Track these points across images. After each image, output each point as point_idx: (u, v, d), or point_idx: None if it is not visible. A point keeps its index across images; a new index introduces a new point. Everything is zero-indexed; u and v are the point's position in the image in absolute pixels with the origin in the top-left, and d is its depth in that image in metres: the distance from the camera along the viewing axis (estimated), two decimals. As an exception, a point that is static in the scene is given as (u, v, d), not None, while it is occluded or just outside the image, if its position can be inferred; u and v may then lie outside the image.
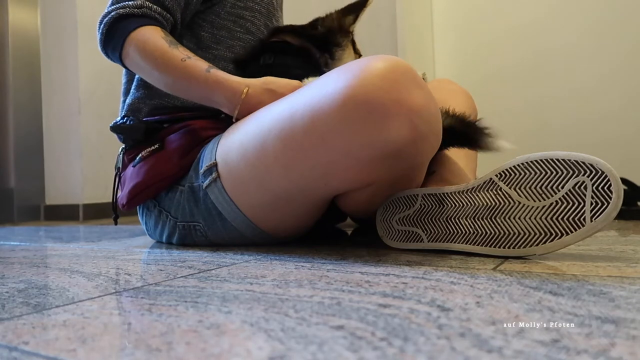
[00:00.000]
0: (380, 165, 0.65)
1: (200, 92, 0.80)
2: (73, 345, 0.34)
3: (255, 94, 0.77)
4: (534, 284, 0.46)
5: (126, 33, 0.82)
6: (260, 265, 0.63)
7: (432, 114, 0.63)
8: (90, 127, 2.03)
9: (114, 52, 0.85)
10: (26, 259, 0.79)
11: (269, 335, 0.34)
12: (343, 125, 0.62)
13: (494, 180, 0.63)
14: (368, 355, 0.29)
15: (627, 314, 0.35)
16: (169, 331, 0.36)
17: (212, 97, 0.79)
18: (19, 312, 0.44)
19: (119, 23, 0.83)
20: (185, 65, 0.79)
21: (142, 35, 0.81)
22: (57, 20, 2.09)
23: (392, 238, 0.72)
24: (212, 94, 0.79)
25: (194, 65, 0.79)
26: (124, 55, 0.84)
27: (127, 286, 0.53)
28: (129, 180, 0.87)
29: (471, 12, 2.04)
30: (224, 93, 0.78)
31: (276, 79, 0.80)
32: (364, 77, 0.61)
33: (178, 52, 0.80)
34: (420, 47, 1.99)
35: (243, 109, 0.77)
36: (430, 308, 0.39)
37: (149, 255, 0.79)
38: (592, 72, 1.80)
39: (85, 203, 2.02)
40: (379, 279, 0.51)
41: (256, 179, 0.72)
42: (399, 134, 0.61)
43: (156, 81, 0.83)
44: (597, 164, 0.56)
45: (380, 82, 0.60)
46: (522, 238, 0.59)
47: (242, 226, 0.78)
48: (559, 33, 1.86)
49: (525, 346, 0.30)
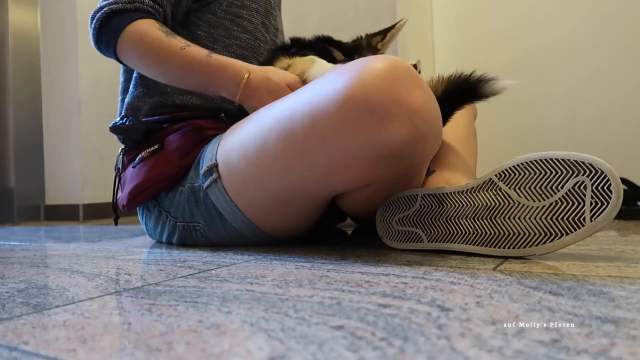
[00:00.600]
0: (380, 165, 0.65)
1: (203, 77, 0.80)
2: (73, 345, 0.34)
3: (255, 79, 0.78)
4: (534, 284, 0.46)
5: (120, 28, 0.82)
6: (260, 265, 0.63)
7: (432, 113, 0.63)
8: (90, 127, 2.03)
9: (107, 47, 0.85)
10: (26, 259, 0.79)
11: (269, 335, 0.34)
12: (343, 126, 0.62)
13: (493, 180, 0.63)
14: (368, 355, 0.29)
15: (627, 314, 0.35)
16: (169, 331, 0.36)
17: (215, 81, 0.80)
18: (19, 312, 0.44)
19: (112, 19, 0.83)
20: (185, 52, 0.79)
21: (139, 29, 0.81)
22: (57, 20, 2.09)
23: (392, 238, 0.72)
24: (214, 78, 0.79)
25: (195, 52, 0.80)
26: (119, 50, 0.84)
27: (127, 286, 0.53)
28: (129, 181, 0.87)
29: (470, 9, 2.04)
30: (227, 75, 0.79)
31: (275, 68, 0.80)
32: (363, 77, 0.61)
33: (176, 41, 0.81)
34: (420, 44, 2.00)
35: (243, 93, 0.78)
36: (430, 308, 0.39)
37: (149, 255, 0.79)
38: (592, 70, 1.80)
39: (85, 203, 2.02)
40: (379, 279, 0.51)
41: (256, 179, 0.72)
42: (398, 134, 0.61)
43: (156, 73, 0.84)
44: (596, 164, 0.56)
45: (380, 82, 0.60)
46: (522, 238, 0.59)
47: (242, 226, 0.78)
48: (557, 29, 1.86)
49: (525, 346, 0.30)
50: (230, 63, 0.79)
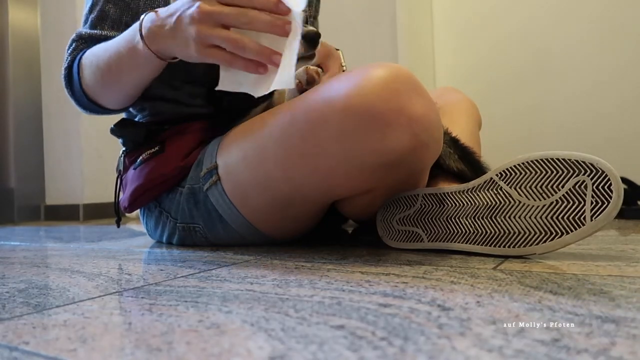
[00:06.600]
0: (381, 172, 0.65)
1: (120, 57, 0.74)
2: (73, 345, 0.34)
3: (158, 13, 0.70)
4: (534, 284, 0.46)
5: (77, 78, 0.80)
6: (260, 265, 0.63)
7: (432, 122, 0.63)
8: (90, 127, 2.03)
9: (93, 109, 0.84)
10: (26, 259, 0.79)
11: (269, 334, 0.34)
12: (343, 134, 0.62)
13: (494, 179, 0.63)
14: (368, 354, 0.29)
15: (628, 313, 0.35)
16: (169, 331, 0.36)
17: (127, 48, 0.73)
18: (19, 312, 0.44)
19: (69, 77, 0.82)
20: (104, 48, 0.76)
21: (81, 64, 0.80)
22: (57, 20, 2.09)
23: (392, 238, 0.72)
24: (123, 42, 0.73)
25: (110, 42, 0.76)
26: (90, 93, 0.81)
27: (127, 286, 0.53)
28: (130, 182, 0.87)
29: (471, 13, 2.04)
30: (128, 33, 0.73)
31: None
32: (364, 86, 0.61)
33: None
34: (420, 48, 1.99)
35: (148, 36, 0.70)
36: (430, 307, 0.39)
37: (149, 255, 0.79)
38: (592, 73, 1.80)
39: (85, 203, 2.02)
40: (380, 278, 0.51)
41: (256, 183, 0.72)
42: (399, 143, 0.61)
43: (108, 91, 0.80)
44: (597, 164, 0.56)
45: (381, 91, 0.60)
46: (522, 237, 0.59)
47: (242, 228, 0.78)
48: (558, 35, 1.86)
49: (525, 345, 0.30)
50: None
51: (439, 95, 0.99)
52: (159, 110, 0.89)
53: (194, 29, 0.65)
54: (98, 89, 0.80)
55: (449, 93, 1.01)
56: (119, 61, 0.75)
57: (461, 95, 1.01)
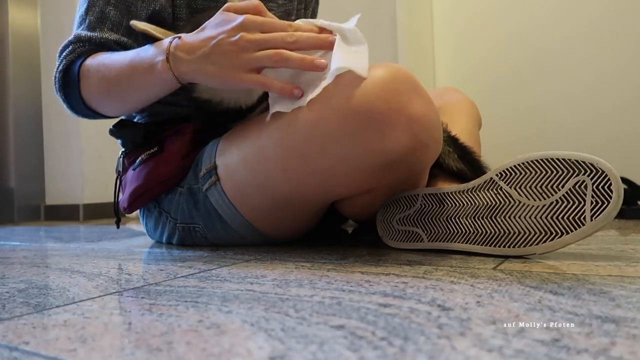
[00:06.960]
0: (381, 173, 0.65)
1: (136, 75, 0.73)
2: (73, 345, 0.34)
3: (186, 38, 0.69)
4: (534, 284, 0.46)
5: (76, 79, 0.78)
6: (260, 264, 0.63)
7: (432, 122, 0.63)
8: (90, 127, 2.03)
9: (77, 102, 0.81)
10: (26, 259, 0.79)
11: (269, 334, 0.34)
12: (343, 134, 0.62)
13: (494, 179, 0.63)
14: (368, 354, 0.29)
15: (628, 313, 0.35)
16: (169, 331, 0.36)
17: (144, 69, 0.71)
18: (19, 312, 0.44)
19: (65, 77, 0.80)
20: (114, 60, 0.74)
21: (85, 67, 0.77)
22: (57, 20, 2.09)
23: (392, 238, 0.72)
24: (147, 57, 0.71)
25: (126, 55, 0.74)
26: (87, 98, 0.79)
27: (127, 286, 0.53)
28: (129, 183, 0.87)
29: (471, 13, 2.03)
30: (149, 54, 0.71)
31: None
32: (364, 87, 0.61)
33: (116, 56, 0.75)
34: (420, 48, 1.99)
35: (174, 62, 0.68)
36: (430, 307, 0.39)
37: (149, 255, 0.79)
38: (592, 73, 1.80)
39: (85, 203, 2.02)
40: (379, 278, 0.51)
41: (256, 183, 0.72)
42: (399, 143, 0.61)
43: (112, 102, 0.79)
44: (597, 164, 0.56)
45: (381, 92, 0.60)
46: (522, 237, 0.59)
47: (242, 228, 0.78)
48: (558, 35, 1.86)
49: (525, 345, 0.30)
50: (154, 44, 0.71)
51: (439, 95, 0.99)
52: (158, 111, 0.89)
53: (235, 54, 0.65)
54: (101, 99, 0.79)
55: (448, 93, 1.01)
56: (131, 76, 0.73)
57: (461, 95, 1.01)
